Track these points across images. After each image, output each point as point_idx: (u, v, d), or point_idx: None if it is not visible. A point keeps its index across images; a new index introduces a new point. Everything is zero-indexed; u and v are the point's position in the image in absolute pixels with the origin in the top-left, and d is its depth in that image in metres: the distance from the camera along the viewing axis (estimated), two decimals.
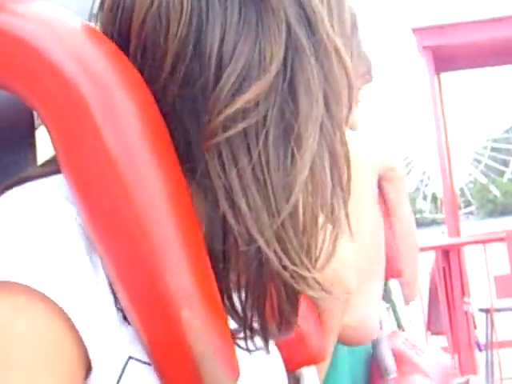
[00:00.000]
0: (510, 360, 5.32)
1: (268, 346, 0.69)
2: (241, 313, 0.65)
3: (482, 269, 5.30)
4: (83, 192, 0.59)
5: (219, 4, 0.61)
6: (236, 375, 0.64)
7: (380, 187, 1.36)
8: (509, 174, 51.33)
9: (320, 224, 0.64)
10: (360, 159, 1.15)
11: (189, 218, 0.61)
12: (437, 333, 5.04)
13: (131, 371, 0.60)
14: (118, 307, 0.60)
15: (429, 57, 5.37)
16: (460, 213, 6.30)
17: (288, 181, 0.60)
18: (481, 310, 5.30)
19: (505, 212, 50.08)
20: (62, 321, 0.55)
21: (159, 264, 0.58)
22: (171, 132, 0.62)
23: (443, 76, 5.95)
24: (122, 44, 0.63)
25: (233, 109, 0.59)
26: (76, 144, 0.58)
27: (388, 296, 1.36)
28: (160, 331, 0.59)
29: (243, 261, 0.62)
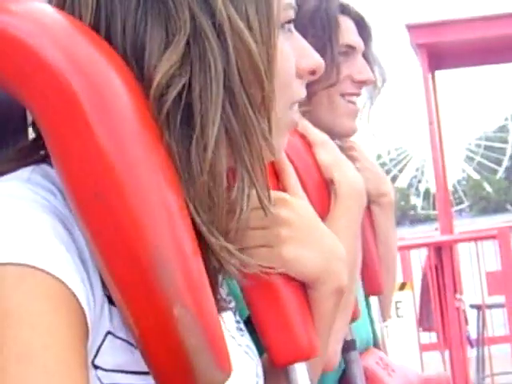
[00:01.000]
0: (501, 356, 5.34)
1: None
2: None
3: (474, 265, 5.31)
4: (76, 193, 0.59)
5: None
6: (228, 370, 0.64)
7: (369, 210, 1.40)
8: (501, 173, 51.38)
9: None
10: (355, 189, 1.15)
11: (181, 211, 0.62)
12: (428, 329, 5.06)
13: (108, 346, 0.61)
14: (106, 293, 0.61)
15: (423, 54, 5.36)
16: (453, 210, 6.32)
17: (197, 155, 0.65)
18: (472, 307, 5.33)
19: (498, 209, 50.15)
20: (64, 290, 0.56)
21: (152, 260, 0.58)
22: None
23: (438, 74, 5.95)
24: None
25: (156, 86, 0.63)
26: (68, 141, 0.59)
27: (368, 312, 1.39)
28: (152, 326, 0.59)
29: None
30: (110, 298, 0.62)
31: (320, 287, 0.84)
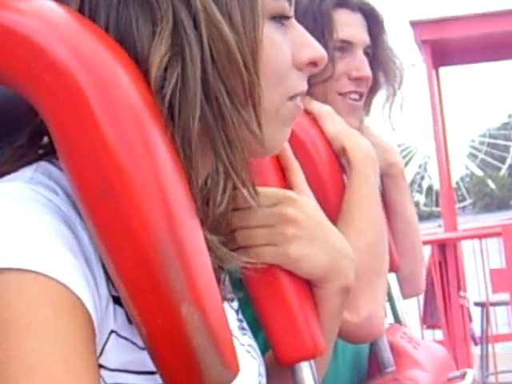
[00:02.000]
0: (505, 353, 5.35)
1: None
2: None
3: (478, 263, 5.31)
4: (85, 191, 0.59)
5: None
6: (236, 369, 0.64)
7: (381, 183, 1.35)
8: (505, 170, 51.37)
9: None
10: (368, 156, 1.15)
11: (190, 208, 0.62)
12: (432, 326, 5.06)
13: (112, 345, 0.61)
14: (111, 293, 0.61)
15: (427, 51, 5.36)
16: (456, 206, 6.31)
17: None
18: (476, 304, 5.32)
19: (501, 206, 50.13)
20: (68, 294, 0.56)
21: (160, 259, 0.58)
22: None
23: (442, 70, 5.94)
24: None
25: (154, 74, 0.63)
26: (76, 139, 0.58)
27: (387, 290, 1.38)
28: (159, 325, 0.59)
29: None
30: (115, 297, 0.61)
31: (326, 286, 0.84)
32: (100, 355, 0.60)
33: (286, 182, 0.90)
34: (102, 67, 0.60)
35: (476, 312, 5.30)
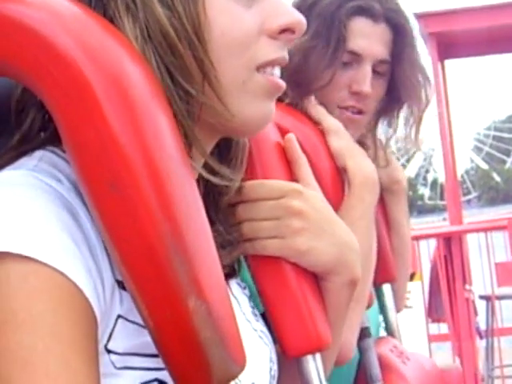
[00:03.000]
0: (510, 347, 5.35)
1: None
2: None
3: (483, 256, 5.31)
4: (92, 184, 0.59)
5: None
6: (243, 361, 0.65)
7: (382, 198, 1.36)
8: (510, 163, 51.32)
9: None
10: (368, 178, 1.14)
11: (197, 200, 0.63)
12: (437, 320, 5.07)
13: (120, 329, 0.62)
14: (117, 278, 0.62)
15: (433, 43, 5.34)
16: (461, 200, 6.31)
17: None
18: (481, 298, 5.32)
19: (507, 199, 50.10)
20: (67, 285, 0.56)
21: (167, 251, 0.58)
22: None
23: (447, 63, 5.92)
24: None
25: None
26: (83, 131, 0.59)
27: (381, 300, 1.38)
28: (166, 318, 0.59)
29: None
30: (120, 282, 0.62)
31: (333, 279, 0.84)
32: (108, 340, 0.61)
33: (293, 175, 0.90)
34: (109, 58, 0.60)
35: (481, 305, 5.30)
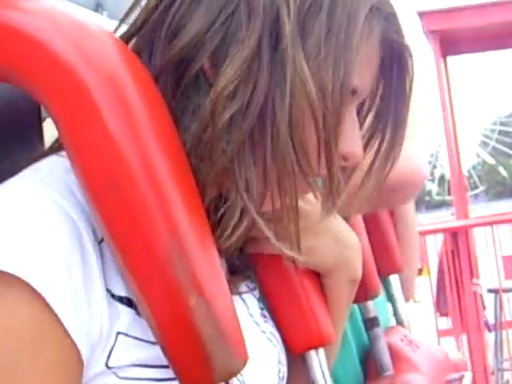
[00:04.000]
0: None
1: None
2: None
3: (491, 249, 5.31)
4: (91, 180, 0.60)
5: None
6: (245, 358, 0.65)
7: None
8: None
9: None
10: None
11: (194, 201, 0.63)
12: (446, 314, 5.07)
13: (121, 346, 0.62)
14: (107, 288, 0.62)
15: (435, 40, 5.36)
16: (468, 194, 6.31)
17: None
18: (489, 291, 5.33)
19: None
20: (45, 310, 0.58)
21: (167, 251, 0.59)
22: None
23: (450, 59, 5.94)
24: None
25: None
26: (82, 134, 0.60)
27: (389, 291, 1.38)
28: (168, 316, 0.61)
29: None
30: (120, 298, 0.63)
31: (335, 276, 0.85)
32: (108, 357, 0.62)
33: None
34: (107, 64, 0.61)
35: (490, 299, 5.31)
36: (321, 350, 0.84)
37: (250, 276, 0.83)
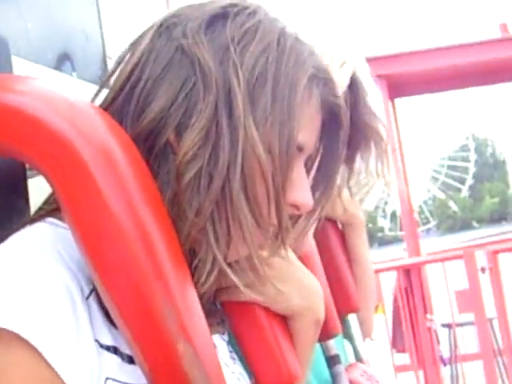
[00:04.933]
0: (474, 373, 5.41)
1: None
2: None
3: (443, 284, 5.39)
4: (88, 244, 0.66)
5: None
6: None
7: (342, 232, 1.45)
8: (465, 191, 51.79)
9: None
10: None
11: (180, 263, 0.70)
12: (402, 350, 5.13)
13: None
14: (96, 339, 0.68)
15: (383, 84, 5.51)
16: (420, 229, 6.44)
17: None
18: (443, 326, 5.41)
19: (464, 227, 50.52)
20: (43, 365, 0.62)
21: (158, 307, 0.66)
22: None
23: (398, 101, 6.12)
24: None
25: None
26: (79, 200, 0.66)
27: (347, 330, 1.43)
28: (159, 362, 0.67)
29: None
30: (107, 347, 0.69)
31: (301, 319, 0.92)
32: None
33: None
34: (97, 136, 0.68)
35: (443, 333, 5.37)
36: None
37: (222, 320, 0.89)
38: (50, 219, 0.73)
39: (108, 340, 0.69)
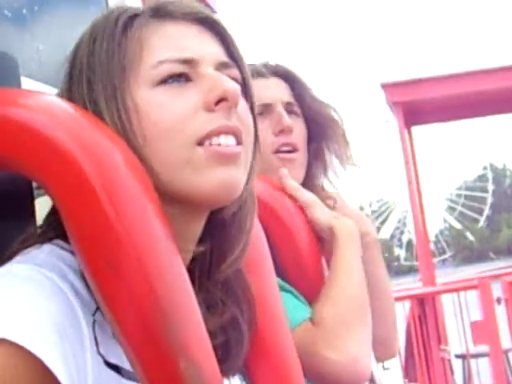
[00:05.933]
0: None
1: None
2: None
3: (458, 315, 5.34)
4: (88, 257, 0.67)
5: None
6: None
7: None
8: (482, 222, 51.51)
9: None
10: (353, 231, 1.29)
11: (183, 274, 0.71)
12: (415, 380, 5.09)
13: None
14: (101, 353, 0.69)
15: (399, 112, 5.51)
16: (436, 260, 6.40)
17: None
18: (457, 357, 5.36)
19: (481, 258, 50.21)
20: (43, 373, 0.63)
21: (158, 320, 0.66)
22: None
23: (415, 128, 6.09)
24: None
25: None
26: (82, 216, 0.67)
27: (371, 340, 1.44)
28: (161, 378, 0.67)
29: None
30: (112, 365, 0.70)
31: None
32: None
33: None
34: (103, 154, 0.69)
35: (457, 364, 5.32)
36: None
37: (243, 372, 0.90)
38: (56, 241, 0.75)
39: (113, 358, 0.70)
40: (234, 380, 0.86)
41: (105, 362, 0.69)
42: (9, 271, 0.69)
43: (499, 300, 4.77)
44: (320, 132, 1.47)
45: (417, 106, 5.62)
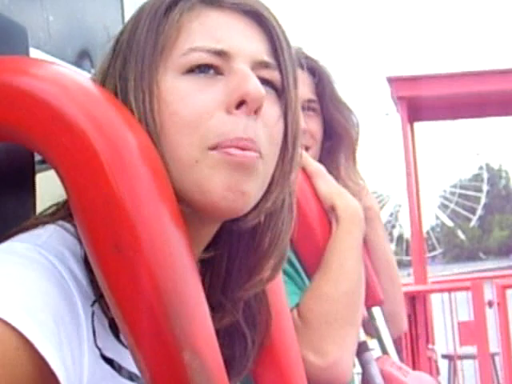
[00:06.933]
0: None
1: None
2: None
3: (447, 314, 5.34)
4: (94, 238, 0.64)
5: None
6: None
7: None
8: (475, 222, 51.80)
9: None
10: (356, 214, 1.25)
11: (191, 263, 0.68)
12: None
13: None
14: (98, 346, 0.66)
15: (403, 106, 5.50)
16: (425, 256, 6.40)
17: None
18: (444, 357, 5.36)
19: (471, 257, 50.50)
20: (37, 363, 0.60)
21: (164, 309, 0.63)
22: None
23: (416, 125, 6.08)
24: None
25: None
26: (90, 196, 0.63)
27: (372, 323, 1.43)
28: (163, 370, 0.64)
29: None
30: (107, 359, 0.67)
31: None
32: None
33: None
34: (114, 130, 0.66)
35: (444, 364, 5.33)
36: None
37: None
38: (62, 222, 0.72)
39: (109, 352, 0.67)
40: None
41: (101, 356, 0.66)
42: (11, 248, 0.66)
43: (491, 303, 4.76)
44: (334, 133, 1.48)
45: (422, 102, 5.60)
